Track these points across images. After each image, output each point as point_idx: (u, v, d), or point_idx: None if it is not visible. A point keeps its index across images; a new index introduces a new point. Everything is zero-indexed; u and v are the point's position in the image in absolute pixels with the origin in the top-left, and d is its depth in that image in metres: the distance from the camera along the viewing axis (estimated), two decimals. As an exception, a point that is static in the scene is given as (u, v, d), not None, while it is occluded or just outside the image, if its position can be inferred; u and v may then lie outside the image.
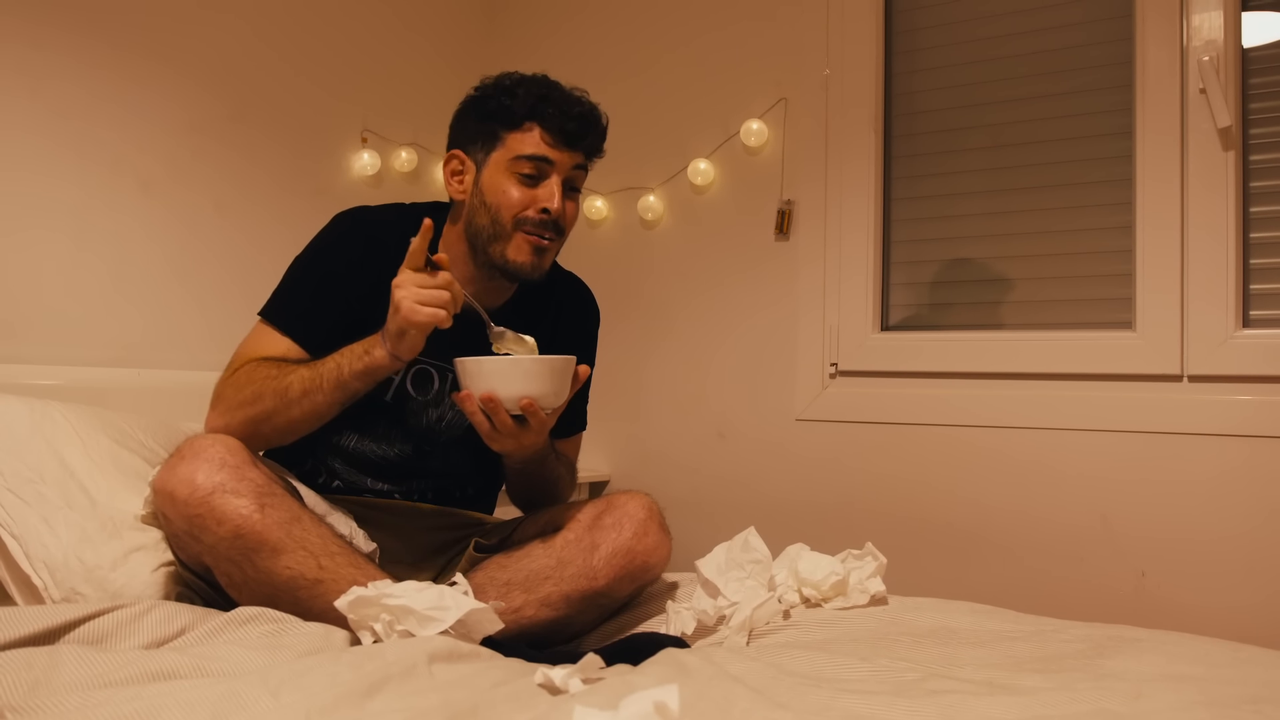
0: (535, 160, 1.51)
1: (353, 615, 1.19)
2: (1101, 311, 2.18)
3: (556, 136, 1.51)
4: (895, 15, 2.43)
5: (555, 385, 1.39)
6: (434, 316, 1.33)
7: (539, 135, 1.51)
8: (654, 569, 1.47)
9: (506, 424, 1.37)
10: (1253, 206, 2.04)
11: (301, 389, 1.40)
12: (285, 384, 1.41)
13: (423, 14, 2.70)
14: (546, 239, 1.53)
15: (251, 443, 1.41)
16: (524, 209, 1.51)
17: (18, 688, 0.94)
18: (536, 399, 1.36)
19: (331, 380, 1.40)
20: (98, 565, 1.35)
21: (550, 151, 1.51)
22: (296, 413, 1.41)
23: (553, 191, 1.51)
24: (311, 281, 1.55)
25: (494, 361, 1.39)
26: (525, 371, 1.38)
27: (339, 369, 1.40)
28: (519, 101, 1.51)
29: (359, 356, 1.39)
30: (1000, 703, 0.97)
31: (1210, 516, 1.99)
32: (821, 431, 2.40)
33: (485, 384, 1.37)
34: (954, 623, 1.34)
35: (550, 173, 1.52)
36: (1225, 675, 1.08)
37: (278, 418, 1.42)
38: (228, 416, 1.44)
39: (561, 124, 1.51)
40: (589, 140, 1.55)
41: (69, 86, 1.95)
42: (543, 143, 1.51)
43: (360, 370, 1.39)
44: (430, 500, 1.62)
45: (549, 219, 1.52)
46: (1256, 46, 2.04)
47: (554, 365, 1.39)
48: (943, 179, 2.37)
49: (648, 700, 0.84)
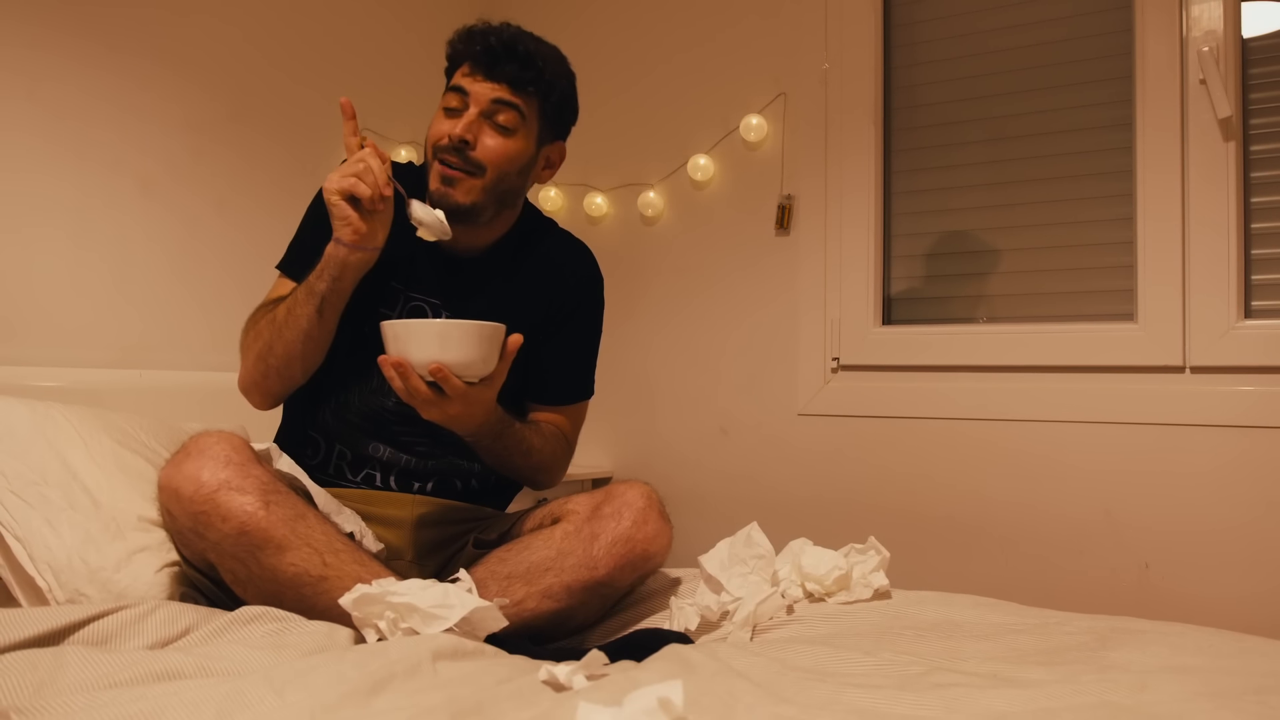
0: (454, 91, 1.54)
1: (357, 613, 1.20)
2: (1103, 303, 2.18)
3: (474, 65, 1.53)
4: (894, 8, 2.42)
5: (472, 353, 1.31)
6: (343, 184, 1.40)
7: (463, 68, 1.54)
8: (655, 557, 1.47)
9: (420, 390, 1.32)
10: (1253, 197, 2.04)
11: (285, 310, 1.48)
12: (275, 313, 1.50)
13: (420, 14, 2.70)
14: (453, 166, 1.52)
15: (266, 382, 1.53)
16: (440, 139, 1.53)
17: (23, 689, 0.94)
18: (448, 365, 1.30)
19: (304, 291, 1.47)
20: (101, 566, 1.35)
21: (466, 81, 1.53)
22: (288, 334, 1.48)
23: (461, 120, 1.52)
24: (310, 226, 1.61)
25: (404, 324, 1.32)
26: (435, 334, 1.30)
27: (308, 282, 1.47)
28: (456, 41, 1.56)
29: (320, 263, 1.46)
30: (1004, 695, 0.97)
31: (1213, 507, 1.99)
32: (824, 426, 2.40)
33: (397, 346, 1.31)
34: (958, 616, 1.34)
35: (469, 103, 1.53)
36: (1229, 666, 1.08)
37: (276, 345, 1.49)
38: (244, 362, 1.54)
39: (480, 52, 1.52)
40: (506, 68, 1.51)
41: (67, 87, 1.95)
42: (461, 74, 1.54)
43: (320, 267, 1.45)
44: (431, 493, 1.62)
45: (452, 144, 1.52)
46: (1256, 37, 2.04)
47: (466, 331, 1.31)
48: (943, 172, 2.37)
49: (652, 696, 0.84)
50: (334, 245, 1.44)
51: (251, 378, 1.53)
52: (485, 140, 1.53)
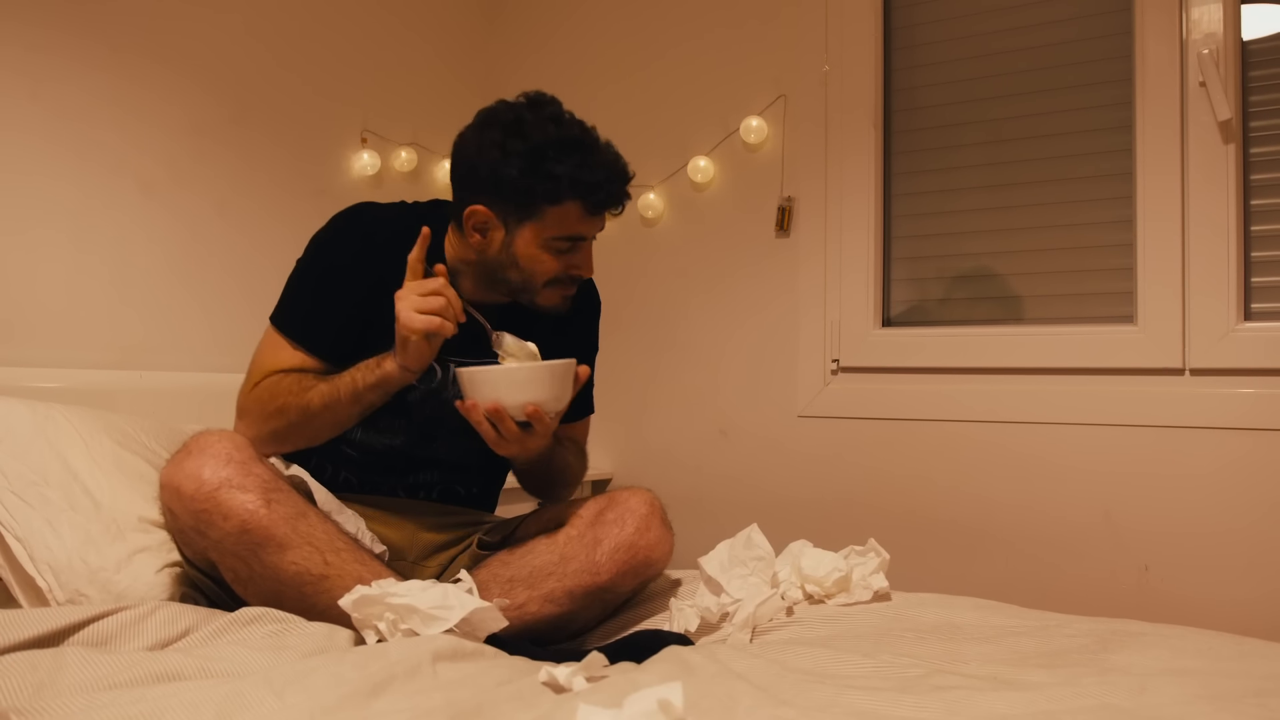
0: (574, 239, 1.50)
1: (357, 614, 1.20)
2: (1102, 306, 2.18)
3: (596, 210, 1.49)
4: (894, 11, 2.42)
5: (558, 390, 1.40)
6: (429, 323, 1.36)
7: (579, 212, 1.48)
8: (656, 564, 1.48)
9: (513, 431, 1.39)
10: (1253, 200, 2.04)
11: (322, 403, 1.45)
12: (306, 400, 1.46)
13: (421, 14, 2.70)
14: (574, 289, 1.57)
15: (281, 448, 1.51)
16: (559, 274, 1.53)
17: (23, 690, 0.94)
18: (541, 404, 1.37)
19: (348, 394, 1.44)
20: (102, 567, 1.36)
21: (589, 227, 1.51)
22: (319, 424, 1.47)
23: (589, 259, 1.54)
24: (312, 283, 1.57)
25: (497, 371, 1.39)
26: (529, 379, 1.38)
27: (354, 383, 1.44)
28: (561, 181, 1.45)
29: (371, 369, 1.43)
30: (1005, 698, 0.97)
31: (1213, 510, 1.99)
32: (823, 428, 2.40)
33: (490, 393, 1.37)
34: (958, 618, 1.34)
35: (587, 243, 1.53)
36: (1229, 669, 1.08)
37: (304, 429, 1.48)
38: (256, 429, 1.49)
39: (605, 202, 1.49)
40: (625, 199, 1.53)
41: (69, 89, 1.95)
42: (583, 220, 1.49)
43: (373, 383, 1.43)
44: (435, 499, 1.63)
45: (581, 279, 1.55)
46: (1256, 39, 2.04)
47: (555, 370, 1.40)
48: (943, 174, 2.37)
49: (651, 698, 0.84)
50: (399, 370, 1.40)
51: (264, 447, 1.48)
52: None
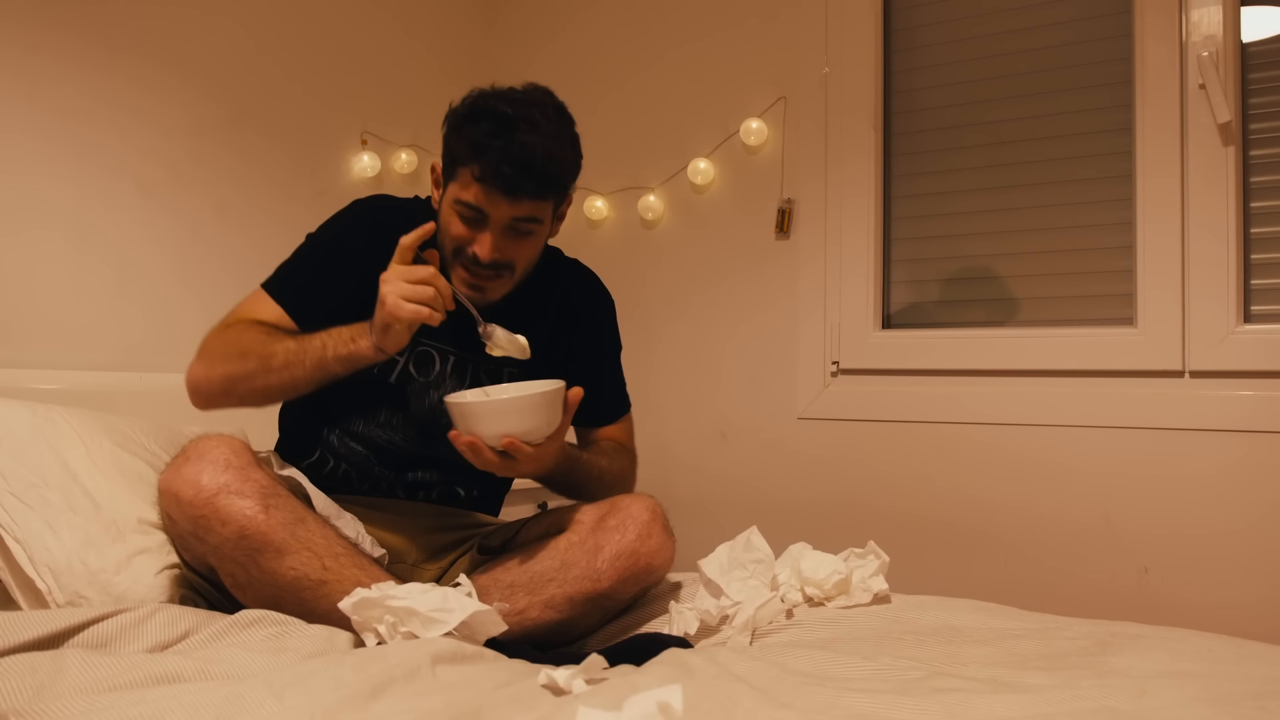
0: (470, 208, 1.46)
1: (356, 617, 1.20)
2: (1102, 308, 2.18)
3: (491, 186, 1.43)
4: (894, 13, 2.43)
5: (538, 420, 1.36)
6: (417, 314, 1.34)
7: (474, 180, 1.43)
8: (657, 571, 1.47)
9: (492, 462, 1.37)
10: (1253, 202, 2.04)
11: (284, 359, 1.43)
12: (270, 350, 1.44)
13: (421, 17, 2.70)
14: (483, 277, 1.51)
15: (225, 400, 1.49)
16: (462, 245, 1.49)
17: (22, 692, 0.94)
18: (518, 436, 1.35)
19: (314, 359, 1.42)
20: (101, 569, 1.35)
21: (484, 202, 1.44)
22: (274, 380, 1.44)
23: (485, 242, 1.47)
24: (313, 258, 1.59)
25: (472, 405, 1.37)
26: (502, 411, 1.36)
27: (323, 349, 1.42)
28: (465, 142, 1.44)
29: (344, 342, 1.41)
30: (1004, 701, 0.97)
31: (1213, 512, 1.99)
32: (823, 430, 2.40)
33: (465, 425, 1.36)
34: (957, 621, 1.34)
35: (486, 222, 1.47)
36: (1229, 671, 1.08)
37: (255, 380, 1.45)
38: (209, 368, 1.48)
39: (494, 175, 1.42)
40: (524, 190, 1.44)
41: (67, 90, 1.95)
42: (480, 192, 1.44)
43: (343, 355, 1.41)
44: (434, 500, 1.63)
45: (482, 264, 1.49)
46: (1256, 41, 2.04)
47: (530, 403, 1.36)
48: (943, 176, 2.37)
49: (651, 701, 0.84)
50: (373, 350, 1.39)
51: (210, 388, 1.47)
52: (509, 248, 1.50)
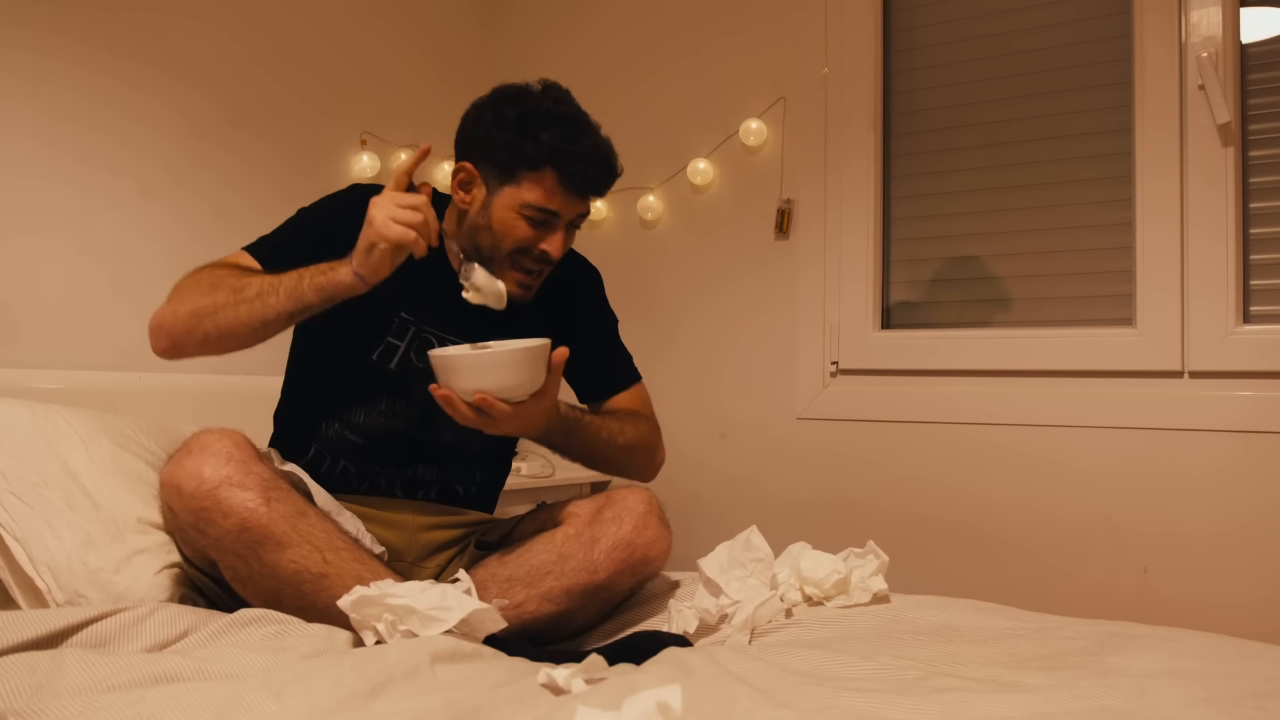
0: (546, 211, 1.50)
1: (355, 615, 1.20)
2: (1102, 308, 2.18)
3: (570, 189, 1.49)
4: (894, 13, 2.43)
5: (513, 378, 1.34)
6: (404, 235, 1.32)
7: (554, 184, 1.48)
8: (654, 562, 1.48)
9: (467, 416, 1.35)
10: (1252, 202, 2.04)
11: (257, 289, 1.39)
12: (243, 282, 1.41)
13: (419, 18, 2.70)
14: (534, 274, 1.55)
15: (190, 338, 1.43)
16: (527, 247, 1.52)
17: (21, 692, 0.94)
18: (492, 392, 1.33)
19: (289, 287, 1.39)
20: (101, 568, 1.36)
21: (561, 204, 1.50)
22: (244, 311, 1.39)
23: (558, 241, 1.52)
24: (297, 225, 1.60)
25: (448, 358, 1.35)
26: (473, 366, 1.33)
27: (299, 277, 1.39)
28: (542, 147, 1.47)
29: (321, 271, 1.39)
30: (1003, 700, 0.97)
31: (1211, 512, 1.99)
32: (823, 430, 2.40)
33: (442, 379, 1.35)
34: (956, 620, 1.34)
35: (559, 222, 1.52)
36: (1228, 671, 1.08)
37: (224, 312, 1.40)
38: (176, 304, 1.44)
39: (580, 178, 1.49)
40: (597, 187, 1.53)
41: (67, 92, 1.95)
42: (556, 194, 1.49)
43: (321, 283, 1.38)
44: (433, 498, 1.63)
45: (551, 261, 1.54)
46: (1255, 42, 2.04)
47: (503, 358, 1.33)
48: (943, 177, 2.37)
49: (650, 700, 0.84)
50: (352, 276, 1.36)
51: (174, 325, 1.43)
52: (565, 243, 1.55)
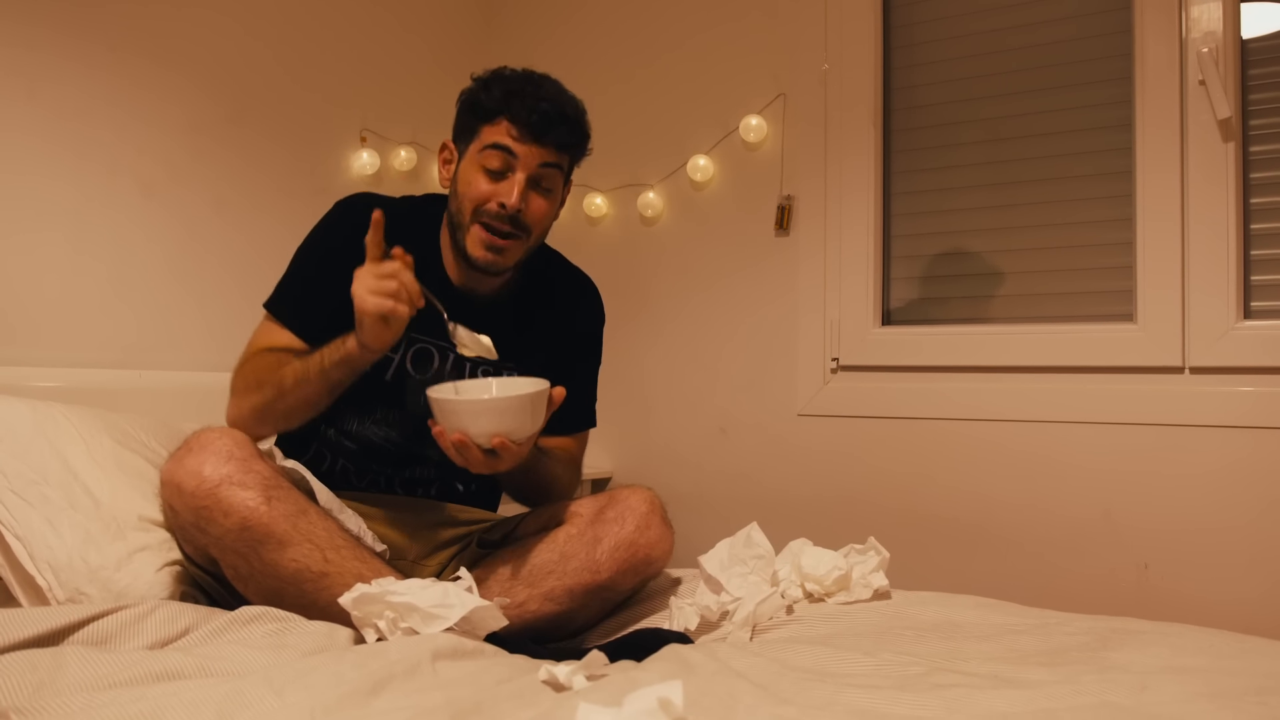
0: (500, 150, 1.50)
1: (356, 612, 1.20)
2: (1102, 304, 2.18)
3: (522, 129, 1.49)
4: (893, 9, 2.42)
5: (525, 420, 1.38)
6: (380, 306, 1.34)
7: (505, 127, 1.50)
8: (656, 562, 1.48)
9: (478, 459, 1.38)
10: (1253, 198, 2.04)
11: (294, 379, 1.45)
12: (281, 375, 1.47)
13: (420, 14, 2.70)
14: (503, 234, 1.52)
15: (261, 428, 1.50)
16: (485, 201, 1.51)
17: (22, 689, 0.94)
18: (507, 435, 1.36)
19: (316, 371, 1.44)
20: (102, 566, 1.35)
21: (514, 144, 1.50)
22: (292, 401, 1.46)
23: (512, 187, 1.50)
24: (304, 270, 1.60)
25: (463, 403, 1.38)
26: (495, 410, 1.36)
27: (321, 359, 1.44)
28: (491, 94, 1.51)
29: (336, 348, 1.43)
30: (1005, 696, 0.97)
31: (1213, 508, 1.99)
32: (823, 426, 2.40)
33: (455, 423, 1.36)
34: (958, 616, 1.34)
35: (515, 167, 1.51)
36: (1230, 666, 1.08)
37: (278, 405, 1.47)
38: (239, 406, 1.51)
39: (527, 116, 1.48)
40: (556, 133, 1.51)
41: (66, 88, 1.95)
42: (508, 135, 1.50)
43: (337, 360, 1.42)
44: (433, 496, 1.63)
45: (504, 213, 1.51)
46: (1256, 37, 2.04)
47: (522, 402, 1.37)
48: (943, 173, 2.37)
49: (651, 697, 0.84)
50: (359, 348, 1.39)
51: (246, 423, 1.49)
52: (532, 204, 1.53)
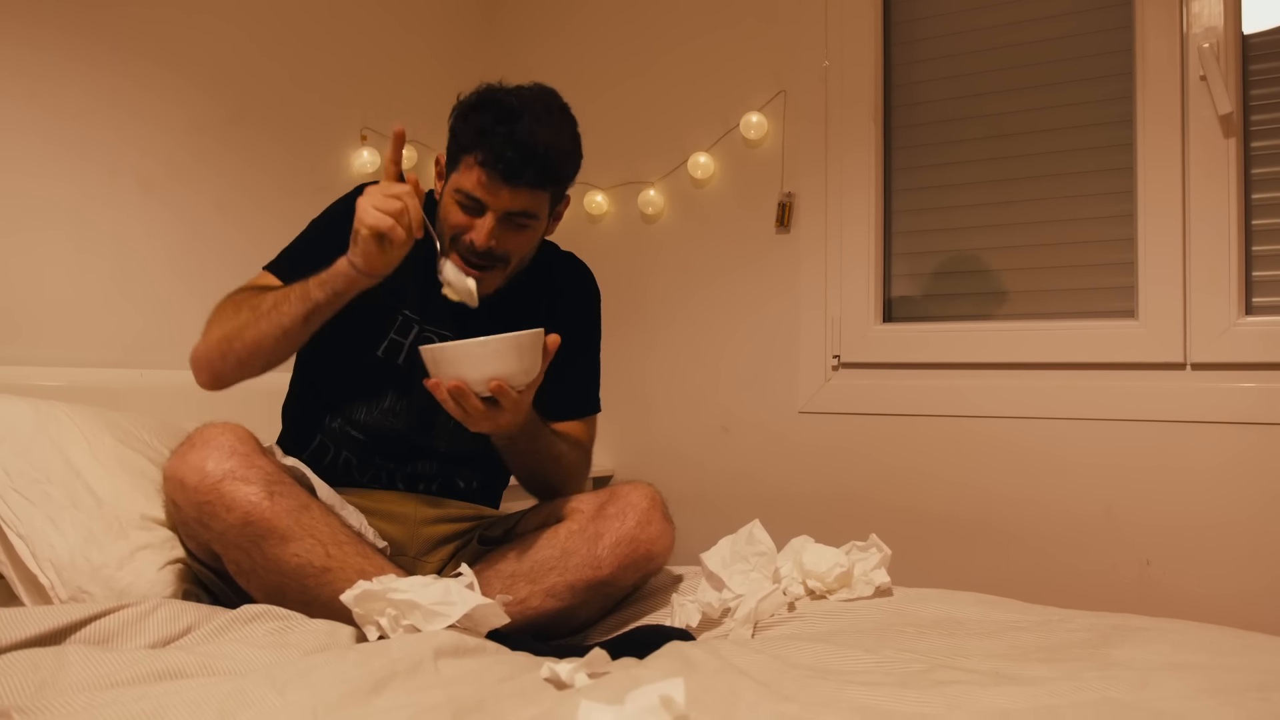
0: (469, 196, 1.48)
1: (358, 610, 1.20)
2: (1103, 300, 2.18)
3: (491, 173, 1.45)
4: (894, 6, 2.42)
5: (523, 363, 1.35)
6: (379, 220, 1.34)
7: (478, 169, 1.46)
8: (658, 558, 1.48)
9: (477, 408, 1.35)
10: (1254, 193, 2.04)
11: (273, 301, 1.44)
12: (259, 299, 1.46)
13: (420, 13, 2.69)
14: (479, 266, 1.51)
15: (225, 364, 1.48)
16: (459, 233, 1.50)
17: (24, 688, 0.94)
18: (505, 379, 1.33)
19: (299, 292, 1.43)
20: (104, 564, 1.36)
21: (483, 192, 1.46)
22: (265, 325, 1.43)
23: (483, 231, 1.48)
24: (308, 232, 1.62)
25: (456, 346, 1.35)
26: (490, 352, 1.33)
27: (305, 281, 1.43)
28: (466, 128, 1.48)
29: (325, 271, 1.42)
30: (1006, 693, 0.97)
31: (1214, 504, 1.99)
32: (825, 424, 2.40)
33: (451, 370, 1.34)
34: (959, 613, 1.34)
35: (485, 210, 1.48)
36: (1231, 663, 1.08)
37: (248, 331, 1.45)
38: (206, 336, 1.50)
39: (495, 161, 1.44)
40: (526, 176, 1.45)
41: (68, 89, 1.95)
42: (479, 180, 1.46)
43: (324, 278, 1.41)
44: (435, 492, 1.63)
45: (477, 251, 1.49)
46: (1257, 33, 2.04)
47: (519, 342, 1.34)
48: (944, 169, 2.37)
49: (653, 694, 0.84)
50: (348, 266, 1.39)
51: (209, 355, 1.48)
52: (506, 239, 1.51)
